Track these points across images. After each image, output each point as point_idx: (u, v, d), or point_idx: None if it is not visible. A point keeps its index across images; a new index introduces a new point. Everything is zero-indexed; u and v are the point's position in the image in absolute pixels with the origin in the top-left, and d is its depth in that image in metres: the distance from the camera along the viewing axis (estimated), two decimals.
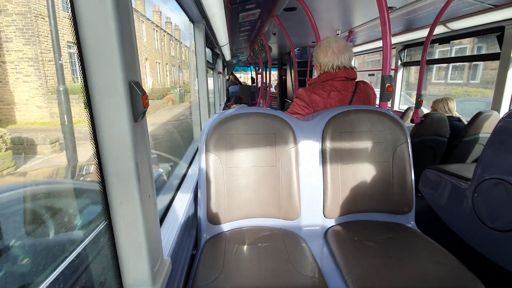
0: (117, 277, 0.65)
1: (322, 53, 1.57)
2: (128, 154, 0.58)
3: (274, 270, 0.99)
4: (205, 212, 1.23)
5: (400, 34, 3.78)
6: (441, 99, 2.78)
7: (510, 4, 2.28)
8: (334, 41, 1.55)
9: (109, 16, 0.51)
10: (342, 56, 1.53)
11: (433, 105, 2.82)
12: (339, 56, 1.53)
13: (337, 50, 1.53)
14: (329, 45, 1.55)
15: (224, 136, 1.24)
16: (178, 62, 27.77)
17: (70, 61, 6.69)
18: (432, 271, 0.97)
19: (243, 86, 10.03)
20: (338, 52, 1.53)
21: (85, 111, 0.55)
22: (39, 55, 6.89)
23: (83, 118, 0.56)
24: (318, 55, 1.60)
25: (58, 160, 4.52)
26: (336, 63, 1.54)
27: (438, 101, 2.78)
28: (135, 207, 0.61)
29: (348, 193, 1.30)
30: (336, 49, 1.53)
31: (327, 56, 1.55)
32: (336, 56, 1.53)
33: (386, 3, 1.51)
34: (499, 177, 1.22)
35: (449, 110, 2.73)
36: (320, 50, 1.59)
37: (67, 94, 2.95)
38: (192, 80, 3.04)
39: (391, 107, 4.49)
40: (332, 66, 1.54)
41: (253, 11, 2.83)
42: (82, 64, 0.53)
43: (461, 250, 1.24)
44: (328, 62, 1.55)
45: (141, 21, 18.77)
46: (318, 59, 1.60)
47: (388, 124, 1.33)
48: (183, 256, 1.07)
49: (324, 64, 1.57)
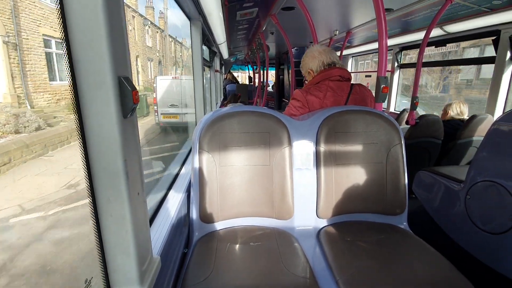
0: (103, 275, 0.64)
1: (310, 59, 1.65)
2: (116, 150, 0.57)
3: (265, 269, 0.98)
4: (197, 210, 1.22)
5: (397, 36, 3.80)
6: (453, 103, 2.80)
7: (506, 8, 2.30)
8: (315, 47, 1.67)
9: (99, 7, 0.50)
10: (329, 54, 1.61)
11: (445, 108, 2.84)
12: (326, 54, 1.61)
13: (322, 50, 1.62)
14: (312, 51, 1.65)
15: (218, 134, 1.23)
16: (158, 56, 21.39)
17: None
18: (423, 272, 0.98)
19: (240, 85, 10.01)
20: (323, 52, 1.61)
21: (72, 105, 0.54)
22: None
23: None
24: (306, 63, 1.67)
25: None
26: (327, 60, 1.60)
27: (450, 105, 2.81)
28: (123, 205, 0.60)
29: (342, 193, 1.30)
30: (321, 50, 1.63)
31: (315, 58, 1.62)
32: (323, 55, 1.61)
33: (382, 4, 1.51)
34: (492, 179, 1.22)
35: (460, 113, 2.75)
36: (306, 58, 1.67)
37: None
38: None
39: (387, 108, 4.51)
40: (324, 63, 1.60)
41: (251, 9, 2.81)
42: (69, 58, 0.52)
43: (453, 252, 1.24)
44: (318, 62, 1.61)
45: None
46: (308, 66, 1.66)
47: (383, 125, 1.33)
48: (174, 255, 1.06)
49: (315, 67, 1.63)
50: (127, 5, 16.95)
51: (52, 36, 8.45)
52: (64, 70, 0.53)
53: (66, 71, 0.53)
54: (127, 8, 16.77)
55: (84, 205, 3.85)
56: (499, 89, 2.59)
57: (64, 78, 8.64)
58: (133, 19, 17.88)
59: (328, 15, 3.13)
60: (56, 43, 8.66)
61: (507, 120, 1.21)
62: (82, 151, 0.57)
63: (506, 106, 2.63)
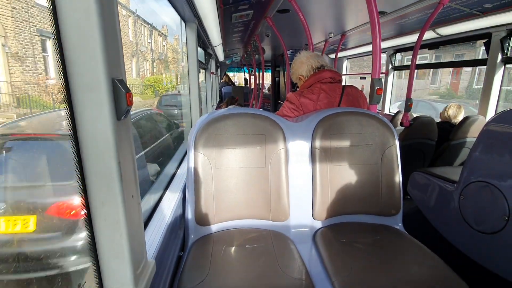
0: (97, 279, 0.63)
1: (298, 65, 1.66)
2: (110, 153, 0.56)
3: (261, 271, 0.97)
4: (193, 213, 1.21)
5: (391, 38, 3.84)
6: (449, 105, 2.85)
7: (497, 11, 2.34)
8: (302, 53, 1.68)
9: (92, 7, 0.49)
10: (316, 58, 1.63)
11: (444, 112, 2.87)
12: (314, 58, 1.62)
13: (309, 55, 1.64)
14: (299, 57, 1.67)
15: (214, 136, 1.23)
16: (133, 50, 16.45)
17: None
18: (418, 273, 0.98)
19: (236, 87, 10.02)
20: (310, 57, 1.63)
21: (65, 107, 0.53)
22: None
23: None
24: (295, 70, 1.69)
25: None
26: (315, 64, 1.61)
27: (446, 107, 2.86)
28: (117, 208, 0.59)
29: (337, 195, 1.31)
30: (308, 55, 1.65)
31: (303, 63, 1.64)
32: (311, 59, 1.63)
33: (376, 7, 1.53)
34: (485, 180, 1.24)
35: (457, 115, 2.79)
36: (295, 65, 1.68)
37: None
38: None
39: (381, 110, 4.55)
40: (313, 67, 1.61)
41: (246, 12, 2.82)
42: (62, 58, 0.51)
43: (448, 252, 1.25)
44: (307, 67, 1.63)
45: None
46: (298, 72, 1.67)
47: (377, 127, 1.34)
48: (169, 258, 1.05)
49: (305, 72, 1.64)
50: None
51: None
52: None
53: (58, 72, 0.52)
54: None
55: None
56: (491, 91, 2.63)
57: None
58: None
59: (323, 17, 3.15)
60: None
61: (498, 121, 1.23)
62: (75, 153, 0.56)
63: (498, 107, 2.67)
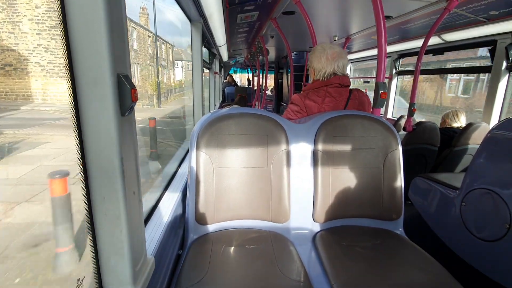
0: (96, 275, 0.63)
1: (316, 59, 1.56)
2: (113, 148, 0.56)
3: (260, 272, 0.97)
4: (193, 211, 1.21)
5: (396, 43, 3.83)
6: (450, 111, 2.84)
7: (503, 18, 2.33)
8: (329, 47, 1.55)
9: (99, 3, 0.50)
10: (336, 63, 1.53)
11: (443, 116, 2.87)
12: (332, 63, 1.53)
13: (331, 57, 1.53)
14: (324, 51, 1.54)
15: (216, 135, 1.22)
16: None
17: None
18: (418, 278, 0.97)
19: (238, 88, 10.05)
20: (332, 59, 1.53)
21: (69, 101, 0.54)
22: None
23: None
24: (312, 60, 1.60)
25: None
26: (329, 70, 1.54)
27: (448, 113, 2.85)
28: (118, 204, 0.59)
29: (338, 198, 1.30)
30: (330, 56, 1.53)
31: (320, 62, 1.54)
32: (329, 63, 1.53)
33: (382, 11, 1.52)
34: (487, 187, 1.23)
35: (458, 121, 2.78)
36: (314, 56, 1.58)
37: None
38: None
39: (384, 114, 4.54)
40: (325, 73, 1.54)
41: (252, 12, 2.83)
42: (68, 53, 0.52)
43: (448, 259, 1.24)
44: (321, 68, 1.55)
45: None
46: (312, 64, 1.60)
47: (380, 131, 1.33)
48: (168, 256, 1.05)
49: (317, 70, 1.57)
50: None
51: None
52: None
53: (64, 67, 0.53)
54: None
55: None
56: (495, 98, 2.62)
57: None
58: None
59: (328, 20, 3.15)
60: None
61: (502, 128, 1.22)
62: (78, 148, 0.56)
63: (502, 114, 2.66)
